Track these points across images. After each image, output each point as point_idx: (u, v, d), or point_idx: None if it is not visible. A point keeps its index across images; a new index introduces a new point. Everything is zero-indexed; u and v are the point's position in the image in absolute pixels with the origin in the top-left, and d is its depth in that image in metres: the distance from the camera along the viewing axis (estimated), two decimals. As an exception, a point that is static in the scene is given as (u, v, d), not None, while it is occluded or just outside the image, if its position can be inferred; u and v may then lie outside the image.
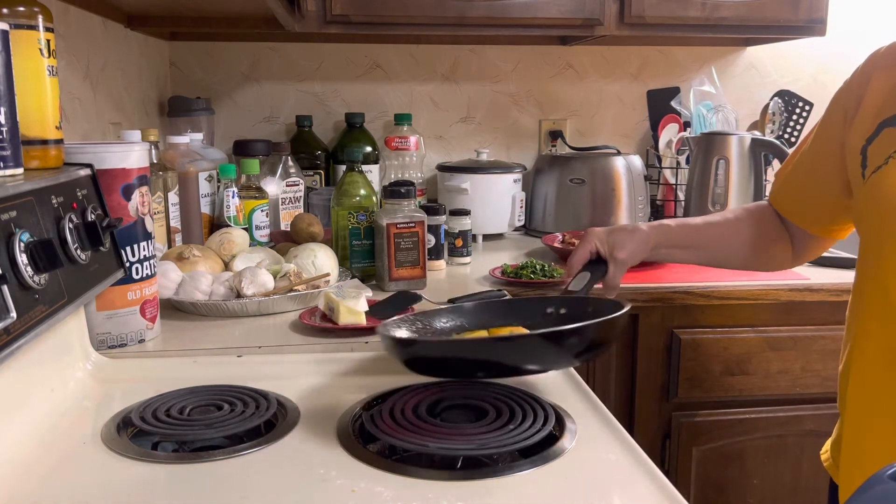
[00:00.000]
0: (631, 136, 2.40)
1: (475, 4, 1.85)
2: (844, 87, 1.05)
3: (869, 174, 0.94)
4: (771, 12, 1.92)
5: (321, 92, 2.27)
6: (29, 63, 0.92)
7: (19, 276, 0.77)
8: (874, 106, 0.97)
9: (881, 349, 0.91)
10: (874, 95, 0.98)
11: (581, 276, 1.15)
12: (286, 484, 0.76)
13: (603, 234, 1.17)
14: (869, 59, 1.02)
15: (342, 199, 1.56)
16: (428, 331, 1.04)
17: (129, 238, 1.10)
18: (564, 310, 1.05)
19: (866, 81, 1.00)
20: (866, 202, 0.96)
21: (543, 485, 0.75)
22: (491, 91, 2.32)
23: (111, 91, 1.70)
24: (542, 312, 1.06)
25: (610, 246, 1.15)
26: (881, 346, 0.91)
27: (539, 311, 1.07)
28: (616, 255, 1.14)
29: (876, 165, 0.94)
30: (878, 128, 0.95)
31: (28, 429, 0.84)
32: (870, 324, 0.94)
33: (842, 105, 1.04)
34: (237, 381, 0.99)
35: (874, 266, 0.94)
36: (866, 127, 0.97)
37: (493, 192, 2.07)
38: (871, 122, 0.96)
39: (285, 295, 1.33)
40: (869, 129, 0.96)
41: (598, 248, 1.16)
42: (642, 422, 1.66)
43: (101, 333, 1.10)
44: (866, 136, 0.97)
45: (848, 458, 0.96)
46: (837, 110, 1.05)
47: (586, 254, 1.16)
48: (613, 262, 1.15)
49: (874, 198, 0.94)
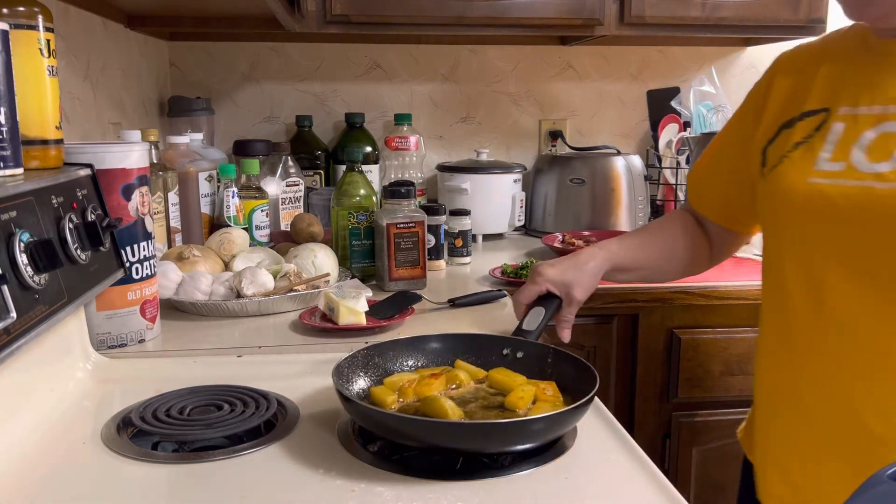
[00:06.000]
0: (631, 136, 2.40)
1: (475, 4, 1.85)
2: (754, 87, 1.10)
3: (767, 173, 1.00)
4: (771, 12, 1.92)
5: (321, 92, 2.27)
6: (29, 63, 0.92)
7: (19, 276, 0.77)
8: (775, 108, 1.03)
9: (780, 337, 0.99)
10: (776, 98, 1.03)
11: (535, 312, 1.10)
12: (286, 484, 0.76)
13: (556, 276, 1.13)
14: (774, 62, 1.08)
15: (342, 199, 1.56)
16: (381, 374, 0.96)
17: (129, 238, 1.10)
18: (521, 353, 1.00)
19: (770, 84, 1.05)
20: (764, 200, 1.02)
21: (543, 485, 0.75)
22: (491, 91, 2.32)
23: (111, 91, 1.70)
24: (499, 352, 1.00)
25: (565, 287, 1.12)
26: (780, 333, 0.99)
27: (496, 350, 1.01)
28: (574, 296, 1.12)
29: (772, 165, 0.99)
30: (778, 130, 1.01)
31: (28, 429, 0.84)
32: (770, 314, 1.02)
33: (752, 105, 1.09)
34: (237, 381, 0.99)
35: (773, 260, 1.01)
36: (768, 128, 1.02)
37: (493, 192, 2.07)
38: (773, 123, 1.02)
39: (285, 295, 1.33)
40: (770, 131, 1.02)
41: (549, 290, 1.12)
42: (642, 422, 1.66)
43: (101, 333, 1.10)
44: (768, 136, 1.02)
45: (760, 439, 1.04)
46: (748, 110, 1.10)
47: (534, 295, 1.13)
48: (571, 302, 1.12)
49: (770, 196, 1.00)
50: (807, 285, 0.95)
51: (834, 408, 0.93)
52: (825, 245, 0.93)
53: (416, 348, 1.01)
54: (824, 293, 0.93)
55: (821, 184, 0.92)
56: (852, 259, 0.90)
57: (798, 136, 0.97)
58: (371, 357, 0.97)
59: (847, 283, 0.91)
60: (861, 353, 0.90)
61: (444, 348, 1.01)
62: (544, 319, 1.09)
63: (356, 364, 0.94)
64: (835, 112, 0.95)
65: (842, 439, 0.93)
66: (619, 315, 1.64)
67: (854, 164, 0.90)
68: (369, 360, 0.96)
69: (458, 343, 1.02)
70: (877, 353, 0.89)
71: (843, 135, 0.92)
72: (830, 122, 0.94)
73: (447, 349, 1.01)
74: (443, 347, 1.01)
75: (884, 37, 0.93)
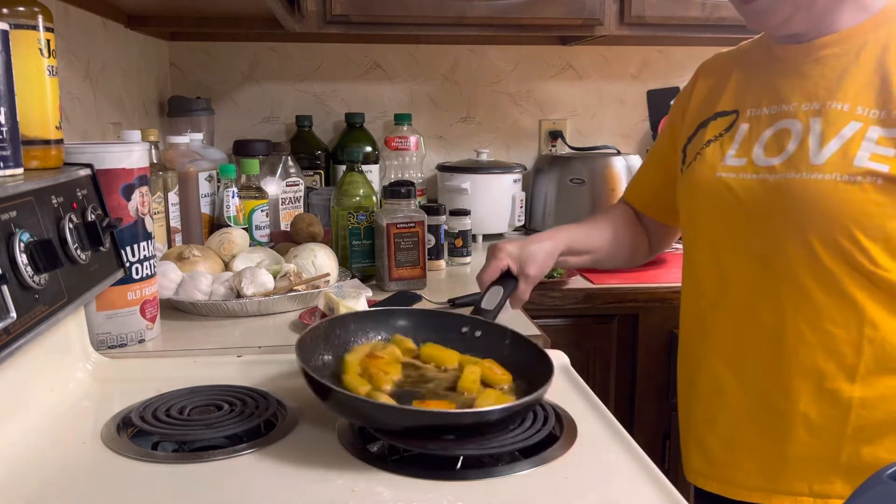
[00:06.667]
0: (631, 136, 2.40)
1: (475, 4, 1.85)
2: (682, 90, 1.21)
3: (685, 169, 1.11)
4: (771, 12, 1.92)
5: (321, 92, 2.27)
6: (29, 63, 0.91)
7: (19, 276, 0.77)
8: (695, 109, 1.13)
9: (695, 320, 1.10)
10: (696, 100, 1.14)
11: (494, 291, 1.12)
12: (286, 484, 0.76)
13: (514, 250, 1.15)
14: (697, 70, 1.20)
15: (342, 199, 1.56)
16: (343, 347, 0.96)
17: (129, 238, 1.10)
18: (479, 332, 1.01)
19: (693, 87, 1.17)
20: (681, 194, 1.13)
21: (543, 485, 0.75)
22: (491, 91, 2.32)
23: (111, 91, 1.70)
24: (458, 330, 1.01)
25: (521, 262, 1.14)
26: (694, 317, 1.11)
27: (455, 327, 1.02)
28: (527, 272, 1.14)
29: (689, 162, 1.10)
30: (696, 129, 1.11)
31: (28, 429, 0.84)
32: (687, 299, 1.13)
33: (679, 108, 1.19)
34: (237, 381, 0.99)
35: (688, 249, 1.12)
36: (688, 128, 1.13)
37: (493, 192, 2.07)
38: (692, 123, 1.12)
39: (285, 295, 1.33)
40: (689, 130, 1.12)
41: (508, 264, 1.15)
42: (642, 422, 1.66)
43: (101, 333, 1.10)
44: (687, 135, 1.13)
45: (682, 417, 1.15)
46: (677, 112, 1.19)
47: (497, 271, 1.14)
48: (524, 279, 1.14)
49: (685, 189, 1.10)
50: (714, 271, 1.05)
51: (743, 385, 1.03)
52: (728, 233, 1.03)
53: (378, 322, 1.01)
54: (728, 278, 1.03)
55: (726, 177, 1.02)
56: (750, 246, 1.00)
57: (710, 134, 1.08)
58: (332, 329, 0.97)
59: (745, 268, 1.01)
60: (760, 333, 1.00)
61: (407, 325, 1.02)
62: (502, 299, 1.11)
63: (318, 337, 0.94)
64: (743, 114, 1.05)
65: (751, 416, 1.02)
66: (619, 315, 1.64)
67: (753, 159, 1.01)
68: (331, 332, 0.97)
69: (419, 319, 1.03)
70: (773, 332, 0.99)
71: (747, 133, 1.03)
72: (739, 122, 1.05)
73: (409, 326, 1.02)
74: (406, 324, 1.02)
75: (782, 42, 1.03)
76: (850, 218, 0.92)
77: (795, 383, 0.97)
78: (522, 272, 1.14)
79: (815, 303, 0.95)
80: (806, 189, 0.94)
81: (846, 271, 0.93)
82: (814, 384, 0.96)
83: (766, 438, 1.01)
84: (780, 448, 0.99)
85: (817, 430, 0.97)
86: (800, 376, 0.97)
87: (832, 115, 0.95)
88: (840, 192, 0.92)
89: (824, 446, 0.97)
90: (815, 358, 0.96)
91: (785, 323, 0.97)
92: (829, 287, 0.94)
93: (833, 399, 0.96)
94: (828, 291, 0.95)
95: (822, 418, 0.96)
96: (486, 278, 1.15)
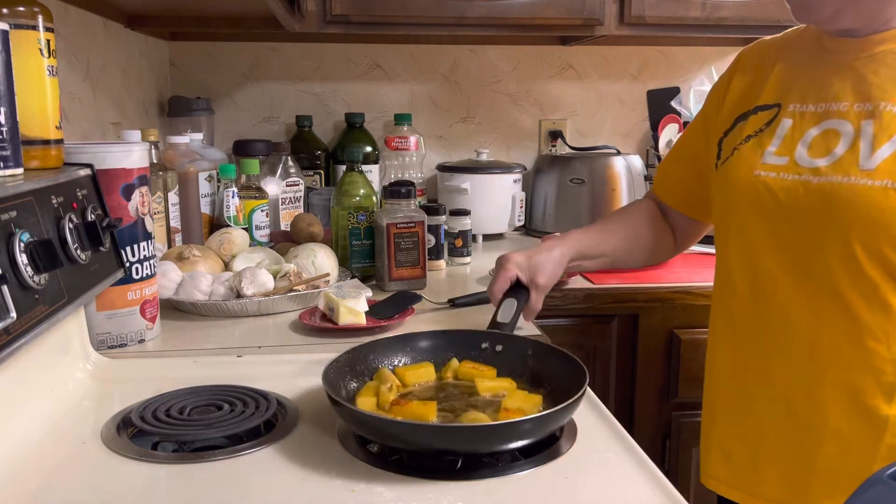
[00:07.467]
0: (631, 136, 2.40)
1: (475, 4, 1.85)
2: (718, 81, 1.14)
3: (720, 165, 1.05)
4: (771, 12, 1.92)
5: (321, 92, 2.27)
6: (29, 63, 0.92)
7: (19, 276, 0.77)
8: (733, 101, 1.07)
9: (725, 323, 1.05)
10: (734, 91, 1.08)
11: (508, 304, 1.11)
12: (286, 484, 0.76)
13: (523, 261, 1.14)
14: (736, 57, 1.12)
15: (342, 199, 1.56)
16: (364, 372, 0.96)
17: (129, 238, 1.10)
18: (500, 346, 1.00)
19: (731, 78, 1.10)
20: (715, 191, 1.07)
21: (543, 485, 0.75)
22: (491, 91, 2.32)
23: (111, 91, 1.70)
24: (478, 346, 1.01)
25: (531, 272, 1.13)
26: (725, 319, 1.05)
27: (475, 344, 1.01)
28: (538, 282, 1.13)
29: (725, 157, 1.04)
30: (734, 122, 1.05)
31: (28, 429, 0.84)
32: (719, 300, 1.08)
33: (715, 98, 1.13)
34: (237, 381, 0.99)
35: (721, 250, 1.06)
36: (725, 120, 1.07)
37: (492, 192, 2.07)
38: (729, 116, 1.06)
39: (285, 295, 1.33)
40: (726, 123, 1.07)
41: (518, 275, 1.14)
42: (642, 422, 1.66)
43: (101, 333, 1.10)
44: (724, 129, 1.07)
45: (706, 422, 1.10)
46: (712, 103, 1.13)
47: (507, 282, 1.14)
48: (535, 288, 1.13)
49: (720, 186, 1.05)
50: (749, 274, 1.00)
51: (770, 393, 0.98)
52: (765, 235, 0.97)
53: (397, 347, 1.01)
54: (763, 282, 0.98)
55: (765, 176, 0.97)
56: (788, 250, 0.95)
57: (750, 129, 1.02)
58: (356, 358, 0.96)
59: (783, 273, 0.95)
60: (793, 341, 0.95)
61: (428, 346, 1.01)
62: (517, 311, 1.10)
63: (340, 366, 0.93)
64: (785, 108, 0.99)
65: (777, 424, 0.98)
66: (619, 315, 1.64)
67: (796, 159, 0.95)
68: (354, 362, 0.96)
69: (439, 339, 1.03)
70: (807, 342, 0.94)
71: (790, 130, 0.97)
72: (781, 117, 0.99)
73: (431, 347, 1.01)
74: (427, 345, 1.02)
75: (834, 36, 0.97)
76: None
77: (828, 397, 0.93)
78: (532, 282, 1.13)
79: (855, 315, 0.90)
80: (854, 195, 0.88)
81: (890, 284, 0.89)
82: (848, 399, 0.92)
83: (793, 451, 0.97)
84: (807, 461, 0.95)
85: (848, 446, 0.92)
86: (833, 390, 0.92)
87: (886, 117, 0.89)
88: (890, 200, 0.86)
89: (855, 463, 0.92)
90: (851, 373, 0.91)
91: (820, 334, 0.92)
92: (870, 299, 0.89)
93: (868, 416, 0.91)
94: (869, 304, 0.89)
95: (855, 435, 0.92)
96: (497, 290, 1.14)
